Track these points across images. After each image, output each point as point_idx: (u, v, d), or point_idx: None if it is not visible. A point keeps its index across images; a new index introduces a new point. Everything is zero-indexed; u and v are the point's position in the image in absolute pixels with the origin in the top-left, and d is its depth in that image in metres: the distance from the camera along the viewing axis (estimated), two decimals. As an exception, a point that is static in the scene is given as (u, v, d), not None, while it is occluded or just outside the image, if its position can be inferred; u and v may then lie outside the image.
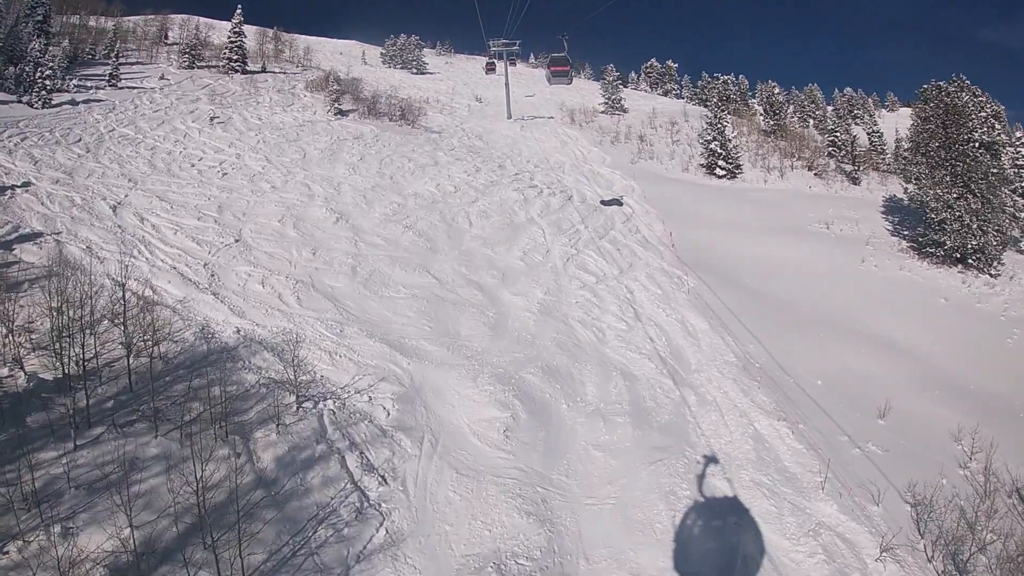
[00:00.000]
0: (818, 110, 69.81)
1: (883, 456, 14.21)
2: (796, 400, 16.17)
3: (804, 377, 17.43)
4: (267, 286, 17.83)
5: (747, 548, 10.70)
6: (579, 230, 25.68)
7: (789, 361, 18.05)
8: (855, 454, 14.29)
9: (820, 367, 17.98)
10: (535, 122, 47.31)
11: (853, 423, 15.36)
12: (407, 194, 26.68)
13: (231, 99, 40.66)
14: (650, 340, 17.93)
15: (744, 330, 19.49)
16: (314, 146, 31.87)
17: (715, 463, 12.93)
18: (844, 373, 17.91)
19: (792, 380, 17.19)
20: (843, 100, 78.47)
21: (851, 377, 17.72)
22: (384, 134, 36.75)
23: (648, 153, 41.43)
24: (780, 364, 17.93)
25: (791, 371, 17.66)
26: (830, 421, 15.29)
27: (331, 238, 21.35)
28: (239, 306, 16.65)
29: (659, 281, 22.05)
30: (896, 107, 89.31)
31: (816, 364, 18.14)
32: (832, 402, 16.16)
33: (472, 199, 27.30)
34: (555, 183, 32.54)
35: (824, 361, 18.37)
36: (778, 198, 36.38)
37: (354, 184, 26.96)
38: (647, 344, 17.68)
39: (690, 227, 29.07)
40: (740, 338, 19.09)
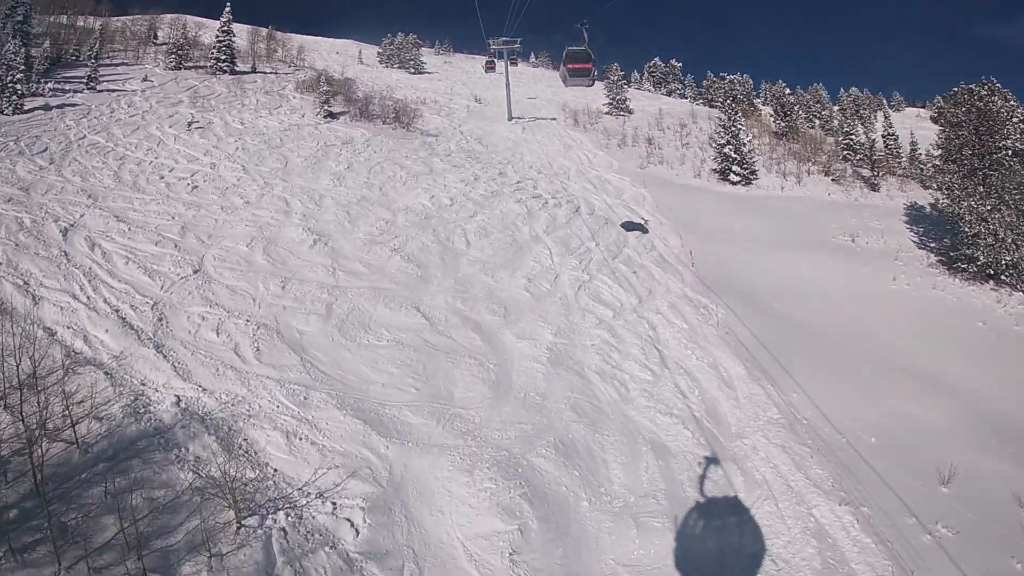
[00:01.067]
0: (824, 110, 66.25)
1: (954, 540, 11.25)
2: (852, 468, 13.06)
3: (855, 433, 14.30)
4: (223, 333, 14.37)
5: None
6: (590, 249, 22.23)
7: (836, 412, 14.85)
8: (926, 542, 11.20)
9: (870, 418, 14.87)
10: (537, 124, 43.73)
11: (916, 495, 12.30)
12: (397, 208, 23.18)
13: (215, 102, 37.08)
14: (681, 395, 14.56)
15: (783, 373, 16.29)
16: (298, 153, 28.35)
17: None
18: (896, 424, 14.83)
19: (844, 439, 14.04)
20: (849, 100, 74.76)
21: (904, 429, 14.69)
22: (376, 138, 33.20)
23: (657, 157, 37.90)
24: (828, 418, 14.73)
25: (841, 426, 14.51)
26: (892, 495, 12.17)
27: (306, 266, 17.88)
28: (185, 363, 13.19)
29: (683, 312, 18.67)
30: (902, 107, 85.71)
31: (865, 414, 15.01)
32: (889, 465, 13.06)
33: (470, 213, 23.83)
34: (560, 192, 29.08)
35: (873, 410, 15.25)
36: (797, 207, 32.99)
37: (338, 197, 23.46)
38: (678, 401, 14.30)
39: (708, 241, 25.78)
40: (780, 384, 15.84)
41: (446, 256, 19.72)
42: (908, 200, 37.15)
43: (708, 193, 33.48)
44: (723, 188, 35.16)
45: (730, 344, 17.39)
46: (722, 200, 32.40)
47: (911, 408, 15.56)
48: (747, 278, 23.07)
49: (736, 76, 59.93)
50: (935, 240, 28.97)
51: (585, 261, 20.96)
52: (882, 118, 55.74)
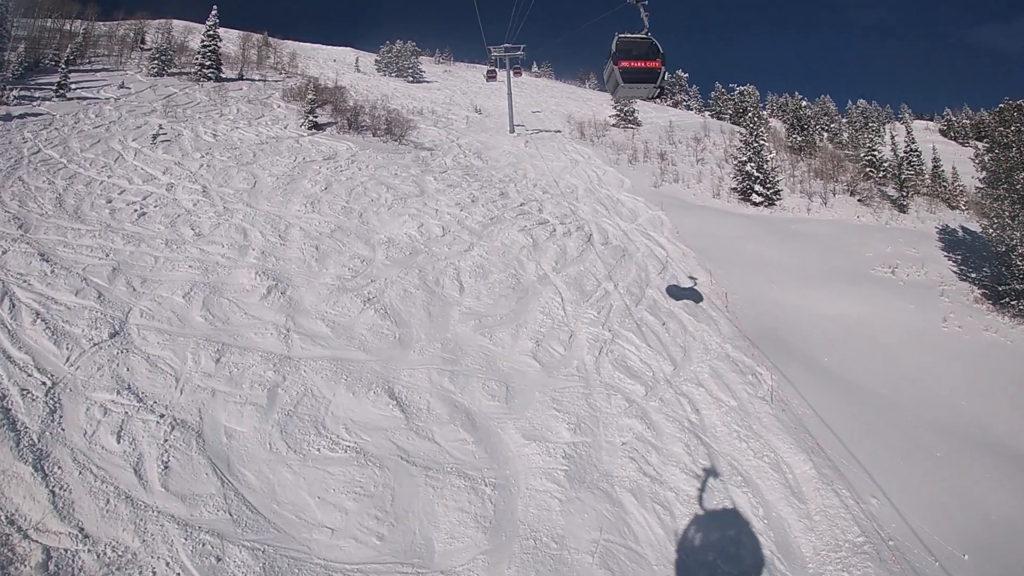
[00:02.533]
0: (832, 123, 62.13)
1: None
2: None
3: (946, 549, 10.47)
4: (126, 438, 10.05)
5: None
6: (608, 292, 17.97)
7: (921, 517, 11.09)
8: None
9: (957, 521, 11.21)
10: (541, 137, 39.46)
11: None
12: (377, 241, 18.87)
13: (191, 111, 32.75)
14: (742, 518, 10.31)
15: (854, 463, 12.45)
16: (270, 171, 24.03)
17: None
18: (988, 532, 11.09)
19: (936, 561, 10.16)
20: (857, 112, 70.54)
21: (998, 538, 10.97)
22: (363, 153, 28.91)
23: (672, 175, 33.62)
24: (915, 530, 10.83)
25: (931, 543, 10.70)
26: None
27: (252, 326, 13.56)
28: (69, 489, 8.88)
29: (727, 380, 14.42)
30: (911, 120, 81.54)
31: (951, 516, 11.30)
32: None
33: (465, 246, 19.54)
34: (568, 215, 24.83)
35: (959, 510, 11.52)
36: (827, 232, 28.80)
37: (308, 227, 19.15)
38: (740, 529, 10.06)
39: (739, 274, 21.63)
40: (856, 485, 11.97)
41: (433, 307, 15.41)
42: (939, 223, 33.31)
43: (729, 216, 29.26)
44: (745, 210, 30.96)
45: (788, 427, 13.20)
46: (745, 224, 28.19)
47: (998, 502, 11.88)
48: (788, 322, 19.01)
49: (746, 88, 55.59)
50: (975, 270, 25.59)
51: (604, 310, 16.69)
52: (903, 132, 51.54)
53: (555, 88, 67.28)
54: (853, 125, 65.43)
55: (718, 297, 19.36)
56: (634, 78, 9.01)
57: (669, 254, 22.71)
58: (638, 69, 9.03)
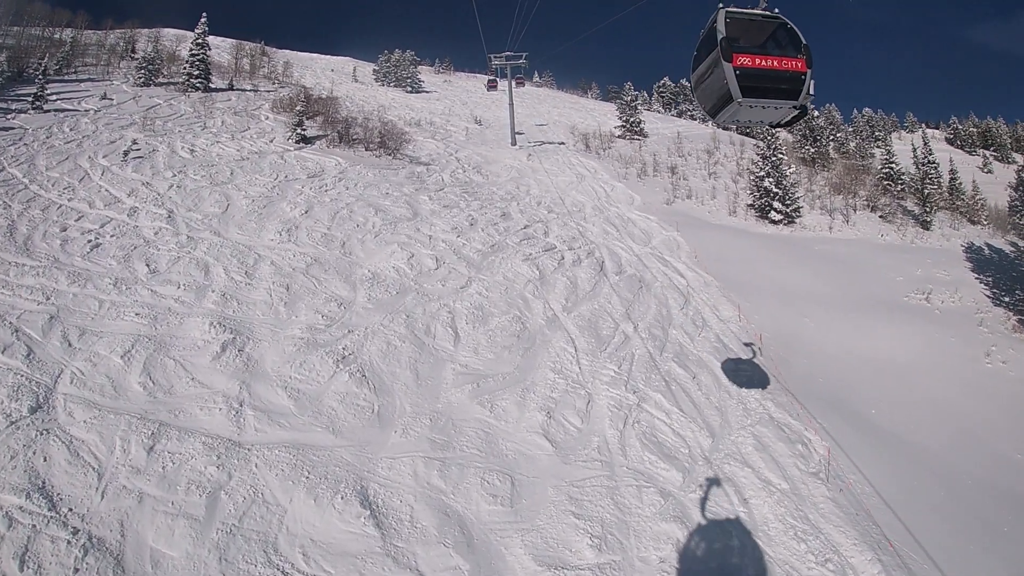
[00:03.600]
0: (838, 132, 59.43)
1: None
2: None
3: None
4: (29, 566, 7.40)
5: None
6: (627, 336, 15.28)
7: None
8: None
9: None
10: (544, 149, 36.77)
11: None
12: (360, 278, 16.15)
13: (172, 124, 30.06)
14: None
15: (926, 561, 10.12)
16: (247, 191, 21.32)
17: None
18: None
19: None
20: (863, 121, 67.82)
21: None
22: (353, 169, 26.23)
23: (684, 190, 30.93)
24: None
25: None
26: None
27: (199, 397, 10.84)
28: None
29: (775, 453, 11.77)
30: (916, 128, 78.74)
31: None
32: None
33: (461, 282, 16.84)
34: (577, 238, 22.17)
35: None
36: (852, 253, 26.16)
37: (281, 260, 16.45)
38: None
39: (768, 307, 19.08)
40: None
41: (422, 365, 12.69)
42: (964, 240, 30.79)
43: (748, 236, 26.57)
44: (763, 228, 28.28)
45: (848, 514, 10.65)
46: (766, 245, 25.50)
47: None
48: (827, 367, 16.49)
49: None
50: (1007, 292, 23.47)
51: (626, 362, 13.97)
52: (910, 142, 48.85)
53: (557, 98, 64.63)
54: (860, 134, 62.79)
55: (749, 337, 16.71)
56: (760, 88, 5.02)
57: (690, 283, 20.05)
58: (769, 72, 4.98)
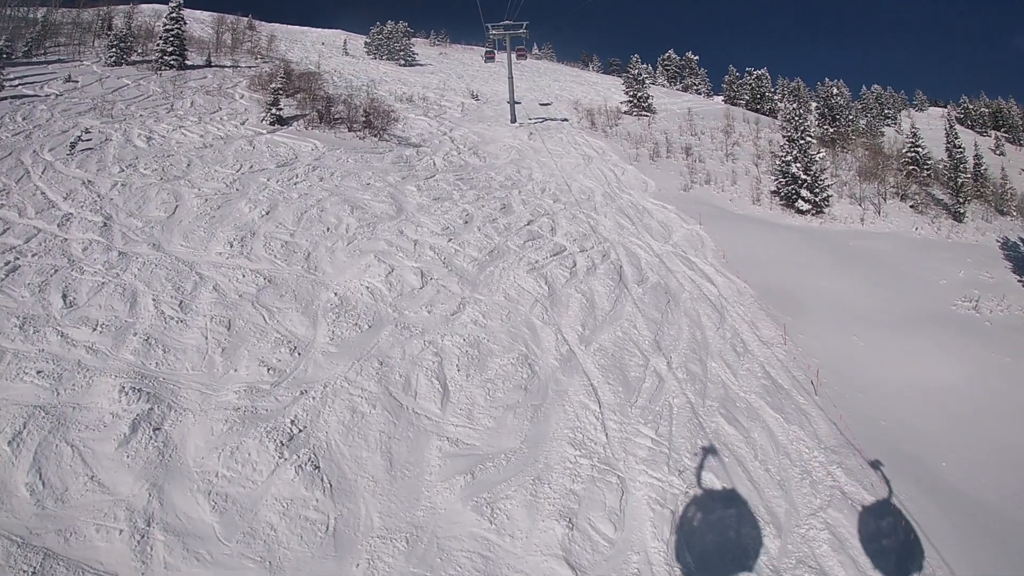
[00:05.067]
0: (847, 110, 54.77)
1: None
2: None
3: None
4: None
5: None
6: (660, 377, 11.56)
7: None
8: None
9: None
10: (546, 127, 32.48)
11: None
12: (323, 305, 12.28)
13: (135, 107, 25.83)
14: None
15: None
16: (201, 188, 17.32)
17: None
18: None
19: None
20: (872, 98, 62.72)
21: None
22: (331, 154, 22.16)
23: (702, 175, 26.79)
24: None
25: None
26: None
27: (96, 510, 7.11)
28: None
29: (852, 551, 8.18)
30: (925, 106, 73.47)
31: None
32: None
33: (452, 305, 12.99)
34: (588, 235, 18.33)
35: None
36: (889, 250, 22.14)
37: (228, 282, 12.59)
38: None
39: (813, 325, 15.54)
40: None
41: (397, 443, 8.95)
42: (999, 235, 27.02)
43: (776, 229, 22.57)
44: (790, 219, 24.28)
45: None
46: (797, 241, 21.51)
47: None
48: (886, 404, 12.93)
49: (763, 72, 47.97)
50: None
51: (663, 421, 10.24)
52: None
53: (558, 71, 59.56)
54: (869, 112, 57.97)
55: (799, 368, 13.02)
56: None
57: (721, 292, 16.26)
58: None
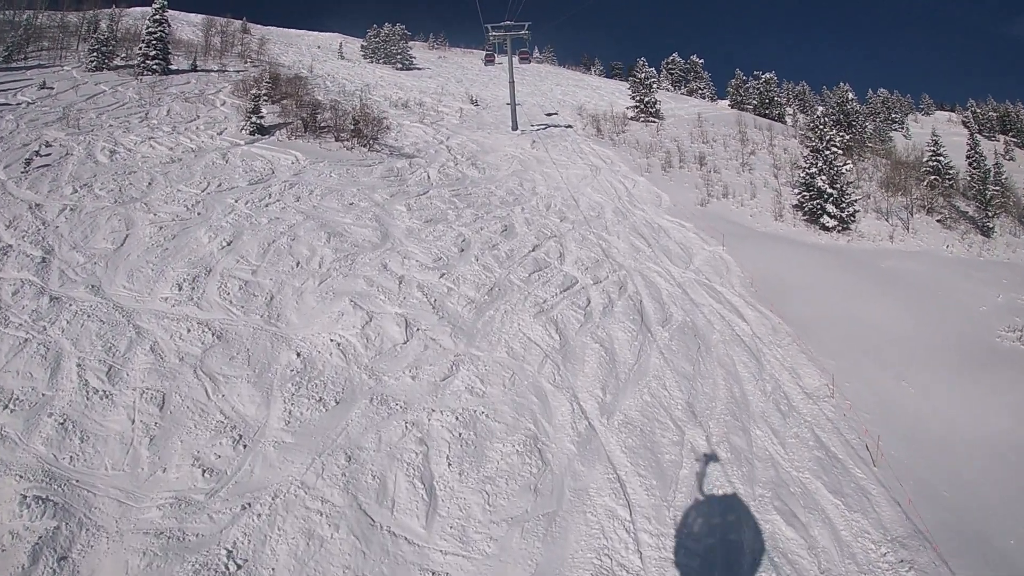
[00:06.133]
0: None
1: None
2: None
3: None
4: None
5: None
6: (699, 456, 9.03)
7: None
8: None
9: None
10: (549, 134, 29.88)
11: None
12: (282, 373, 9.66)
13: (105, 117, 23.21)
14: None
15: None
16: (159, 212, 14.72)
17: None
18: None
19: None
20: (878, 102, 60.02)
21: None
22: (313, 168, 19.59)
23: (719, 187, 24.19)
24: None
25: None
26: None
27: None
28: None
29: None
30: (932, 110, 70.70)
31: None
32: None
33: (443, 368, 10.36)
34: (602, 262, 15.78)
35: None
36: (923, 272, 19.38)
37: (169, 340, 10.00)
38: None
39: (854, 365, 13.38)
40: None
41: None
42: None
43: (801, 249, 19.95)
44: (816, 237, 21.65)
45: None
46: (826, 262, 18.87)
47: None
48: (944, 464, 10.78)
49: (771, 75, 45.26)
50: None
51: (710, 530, 7.75)
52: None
53: (559, 75, 56.85)
54: (876, 117, 55.25)
55: (851, 428, 10.55)
56: None
57: (755, 331, 13.73)
58: None
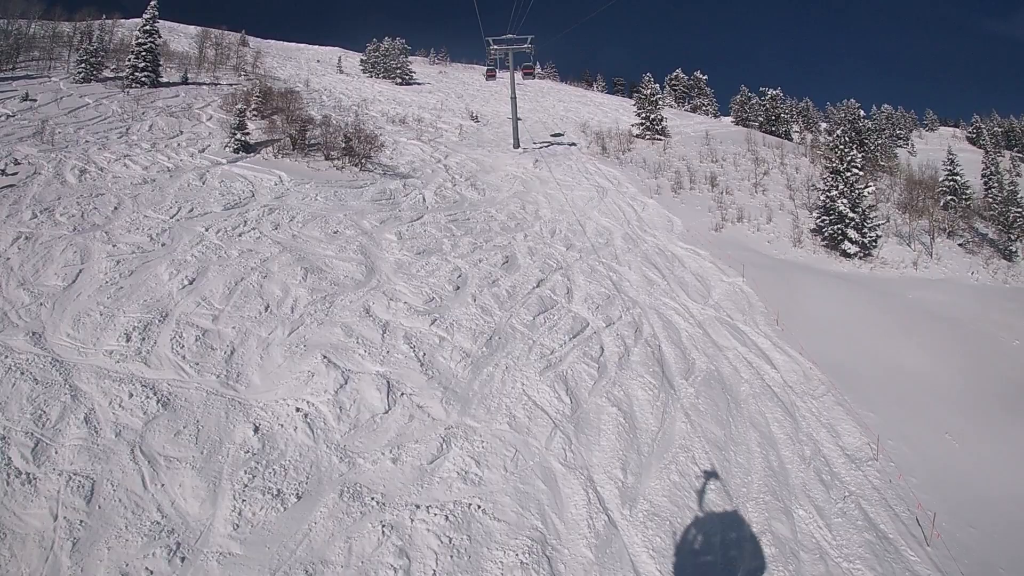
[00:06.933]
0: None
1: None
2: None
3: None
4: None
5: None
6: (741, 550, 7.14)
7: None
8: None
9: None
10: (553, 153, 28.17)
11: None
12: (234, 456, 7.64)
13: (84, 132, 21.36)
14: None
15: None
16: (120, 242, 12.83)
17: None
18: None
19: None
20: (883, 118, 58.66)
21: None
22: (297, 190, 17.79)
23: (733, 210, 22.41)
24: None
25: None
26: None
27: None
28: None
29: None
30: (936, 126, 69.45)
31: None
32: None
33: (431, 448, 8.41)
34: (613, 298, 13.96)
35: None
36: (952, 304, 17.52)
37: (107, 407, 8.07)
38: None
39: (895, 417, 11.78)
40: None
41: None
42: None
43: (824, 278, 18.11)
44: (838, 265, 19.84)
45: None
46: (851, 293, 17.01)
47: None
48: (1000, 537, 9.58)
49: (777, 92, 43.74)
50: None
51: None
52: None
53: (561, 91, 55.36)
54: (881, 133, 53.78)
55: (898, 497, 8.81)
56: None
57: (786, 379, 11.92)
58: None
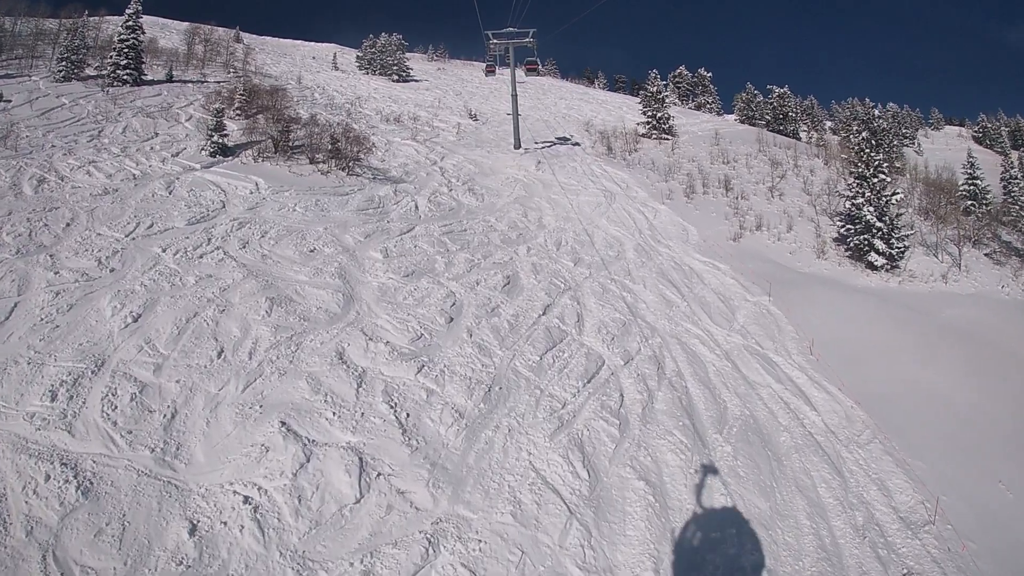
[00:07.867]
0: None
1: None
2: None
3: None
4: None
5: None
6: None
7: None
8: None
9: None
10: (556, 153, 26.15)
11: None
12: (163, 571, 5.94)
13: (52, 135, 19.32)
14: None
15: None
16: (66, 266, 10.93)
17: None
18: None
19: None
20: (889, 116, 56.45)
21: None
22: (277, 198, 15.86)
23: (751, 217, 20.42)
24: None
25: None
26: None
27: None
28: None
29: None
30: (941, 125, 67.24)
31: None
32: None
33: (412, 555, 6.44)
34: (629, 325, 12.06)
35: None
36: (985, 322, 15.41)
37: (20, 494, 6.25)
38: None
39: (949, 469, 9.99)
40: None
41: None
42: None
43: (852, 294, 16.09)
44: (864, 279, 17.84)
45: None
46: (883, 312, 14.98)
47: None
48: None
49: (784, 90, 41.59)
50: None
51: None
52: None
53: (563, 88, 53.15)
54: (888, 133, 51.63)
55: (959, 571, 6.84)
56: None
57: (827, 424, 10.11)
58: None
